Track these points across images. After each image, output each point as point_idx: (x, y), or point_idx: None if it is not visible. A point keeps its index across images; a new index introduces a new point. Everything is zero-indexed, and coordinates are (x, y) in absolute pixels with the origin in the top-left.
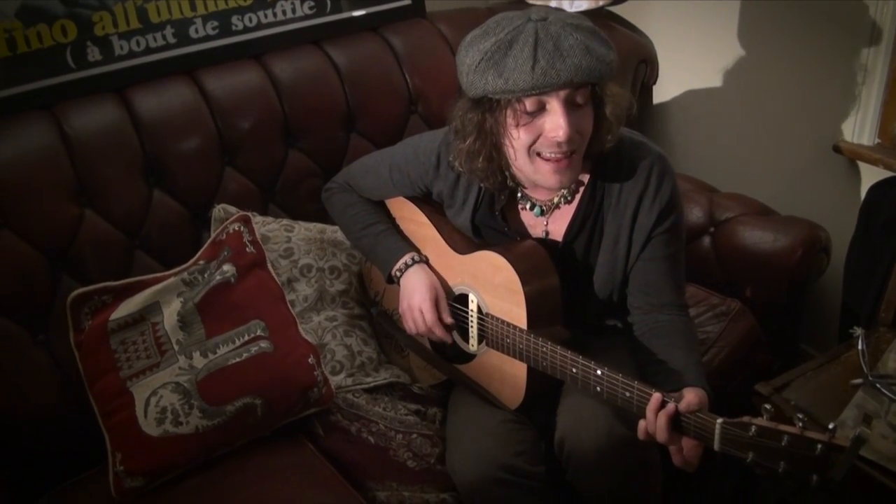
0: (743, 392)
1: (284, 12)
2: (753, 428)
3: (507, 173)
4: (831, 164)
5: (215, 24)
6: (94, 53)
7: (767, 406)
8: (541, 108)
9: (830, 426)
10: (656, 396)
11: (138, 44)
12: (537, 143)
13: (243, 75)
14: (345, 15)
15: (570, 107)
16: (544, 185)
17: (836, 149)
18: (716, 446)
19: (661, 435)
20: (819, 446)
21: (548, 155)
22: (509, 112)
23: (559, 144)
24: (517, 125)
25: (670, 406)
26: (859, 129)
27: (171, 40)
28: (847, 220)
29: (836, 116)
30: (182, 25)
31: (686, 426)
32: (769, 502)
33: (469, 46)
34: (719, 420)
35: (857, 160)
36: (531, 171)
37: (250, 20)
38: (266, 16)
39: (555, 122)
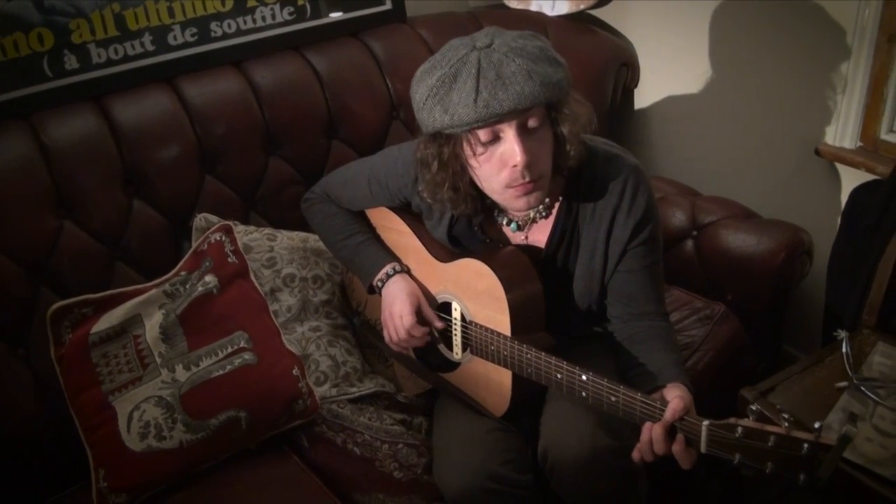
0: (728, 395)
1: (264, 18)
2: (740, 429)
3: (477, 196)
4: (813, 168)
5: (194, 30)
6: (71, 62)
7: (753, 407)
8: (496, 138)
9: (816, 425)
10: (647, 426)
11: (116, 52)
12: (501, 175)
13: (223, 82)
14: (325, 20)
15: (523, 132)
16: (512, 209)
17: (818, 152)
18: (702, 448)
19: (660, 447)
20: (805, 446)
21: (514, 185)
22: (464, 143)
23: (522, 175)
24: (475, 155)
25: (657, 424)
26: (841, 132)
27: (150, 48)
28: (829, 223)
29: (818, 120)
30: (160, 32)
31: (674, 430)
32: None
33: (419, 82)
34: (705, 422)
35: (839, 163)
36: (499, 197)
37: (229, 26)
38: (245, 22)
39: (510, 150)
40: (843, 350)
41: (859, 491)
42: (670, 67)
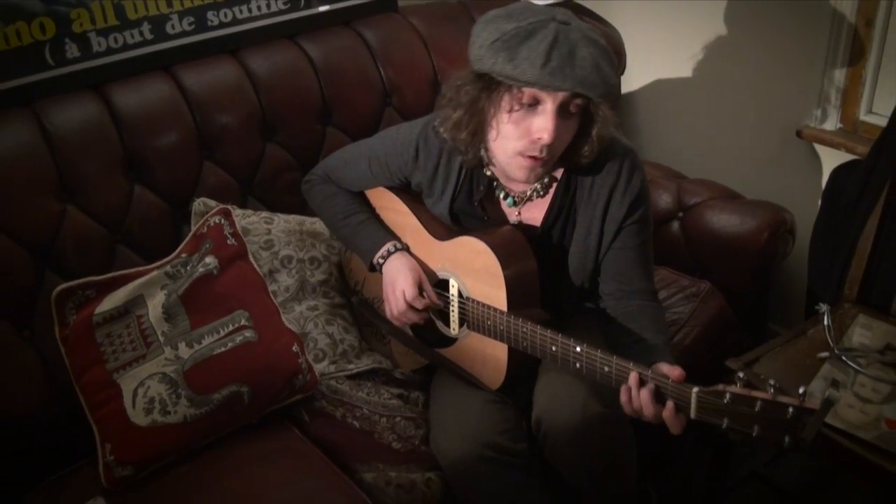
0: (714, 371)
1: (259, 8)
2: (728, 395)
3: (483, 152)
4: (795, 150)
5: (191, 19)
6: (72, 50)
7: (741, 375)
8: (535, 104)
9: (801, 390)
10: (633, 375)
11: (116, 40)
12: (521, 141)
13: (220, 70)
14: (318, 10)
15: (561, 112)
16: (512, 175)
17: (799, 134)
18: (692, 415)
19: (648, 410)
20: (791, 409)
21: (526, 154)
22: (506, 96)
23: (540, 149)
24: (509, 111)
25: (650, 384)
26: (822, 114)
27: (148, 36)
28: (811, 203)
29: (800, 103)
30: (159, 21)
31: (664, 397)
32: (741, 473)
33: (489, 23)
34: (695, 389)
35: (820, 145)
36: (505, 158)
37: (226, 15)
38: (241, 11)
39: (542, 124)
40: (825, 322)
41: (843, 454)
42: (656, 54)
